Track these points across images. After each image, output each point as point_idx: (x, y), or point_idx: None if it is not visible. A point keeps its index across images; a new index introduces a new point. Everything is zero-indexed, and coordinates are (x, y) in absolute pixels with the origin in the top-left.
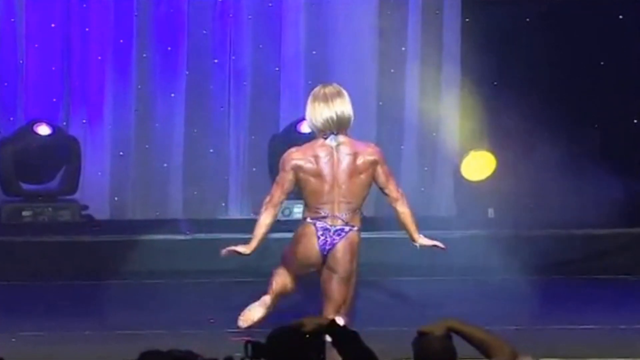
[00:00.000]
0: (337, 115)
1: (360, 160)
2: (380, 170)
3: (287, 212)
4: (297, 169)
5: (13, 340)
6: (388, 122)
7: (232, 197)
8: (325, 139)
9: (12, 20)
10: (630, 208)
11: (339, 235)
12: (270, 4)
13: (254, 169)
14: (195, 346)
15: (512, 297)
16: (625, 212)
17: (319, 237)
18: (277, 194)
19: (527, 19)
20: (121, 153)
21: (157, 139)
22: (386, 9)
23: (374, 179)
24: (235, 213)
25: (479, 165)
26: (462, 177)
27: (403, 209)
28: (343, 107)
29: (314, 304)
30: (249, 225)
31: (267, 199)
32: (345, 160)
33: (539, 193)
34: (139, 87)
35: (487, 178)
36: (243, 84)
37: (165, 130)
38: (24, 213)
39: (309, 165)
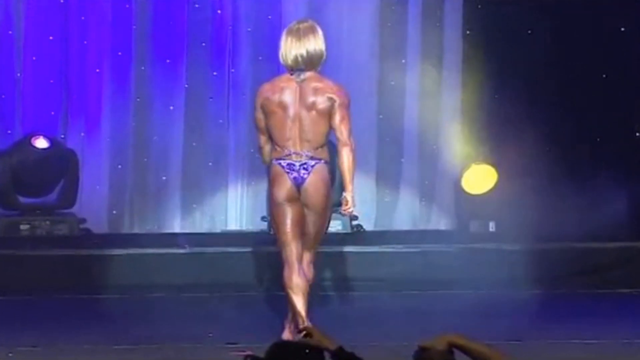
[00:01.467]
0: (307, 52)
1: (319, 97)
2: (337, 110)
3: None
4: (264, 103)
5: (10, 354)
6: (388, 135)
7: (230, 211)
8: (292, 74)
9: (10, 32)
10: (631, 222)
11: (305, 169)
12: (269, 17)
13: (253, 182)
14: None
15: (513, 311)
16: (626, 225)
17: (288, 173)
18: (261, 137)
19: (529, 32)
20: (119, 166)
21: (155, 152)
22: (386, 22)
23: (330, 117)
24: (233, 226)
25: (479, 178)
26: (462, 190)
27: (346, 157)
28: (315, 44)
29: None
30: (248, 238)
31: (259, 147)
32: (307, 96)
33: (541, 207)
34: (138, 99)
35: (488, 191)
36: (242, 96)
37: (163, 143)
38: (22, 227)
39: (275, 97)
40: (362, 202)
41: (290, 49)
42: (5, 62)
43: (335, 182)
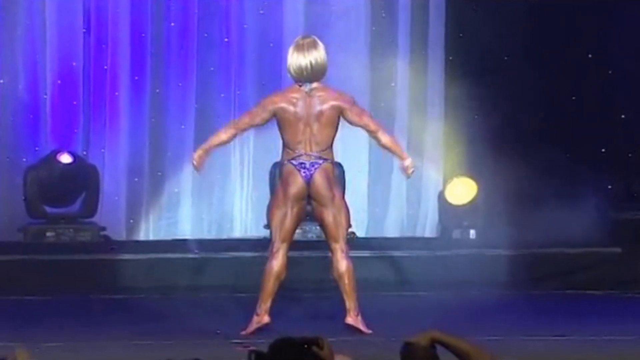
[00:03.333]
0: (311, 65)
1: (325, 105)
2: (349, 112)
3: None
4: (278, 111)
5: (37, 350)
6: (379, 150)
7: (236, 219)
8: (300, 86)
9: (37, 59)
10: (600, 229)
11: (313, 166)
12: (271, 44)
13: (256, 194)
14: (203, 355)
15: (492, 311)
16: (595, 233)
17: (299, 171)
18: (246, 120)
19: (506, 57)
20: (136, 179)
21: (168, 167)
22: (377, 49)
23: (349, 121)
24: (239, 233)
25: (461, 190)
26: (446, 201)
27: (385, 138)
28: (318, 57)
29: (315, 320)
30: (251, 244)
31: (233, 120)
32: (315, 106)
33: (517, 216)
34: (152, 119)
35: (469, 202)
36: None
37: (176, 158)
38: (48, 234)
39: (290, 108)
40: (355, 211)
41: (296, 61)
42: (33, 85)
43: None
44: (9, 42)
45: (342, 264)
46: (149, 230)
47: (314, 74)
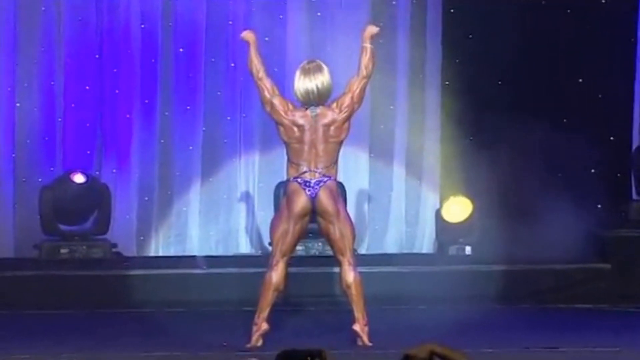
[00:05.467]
0: (317, 89)
1: (330, 128)
2: (354, 86)
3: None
4: (284, 127)
5: None
6: (378, 171)
7: (241, 237)
8: (307, 109)
9: (52, 83)
10: (593, 246)
11: (318, 184)
12: (275, 69)
13: (262, 212)
14: None
15: (486, 324)
16: (586, 249)
17: (304, 189)
18: (262, 79)
19: (499, 82)
20: (146, 198)
21: (177, 186)
22: (376, 74)
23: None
24: (245, 250)
25: (457, 209)
26: (442, 219)
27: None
28: (324, 81)
29: (317, 333)
30: (257, 260)
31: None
32: (320, 129)
33: (511, 233)
34: (162, 141)
35: (465, 220)
36: (252, 138)
37: (184, 178)
38: (62, 250)
39: (295, 130)
40: (356, 229)
41: (303, 85)
42: (48, 108)
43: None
44: (26, 67)
45: (350, 276)
46: (159, 246)
47: (320, 97)
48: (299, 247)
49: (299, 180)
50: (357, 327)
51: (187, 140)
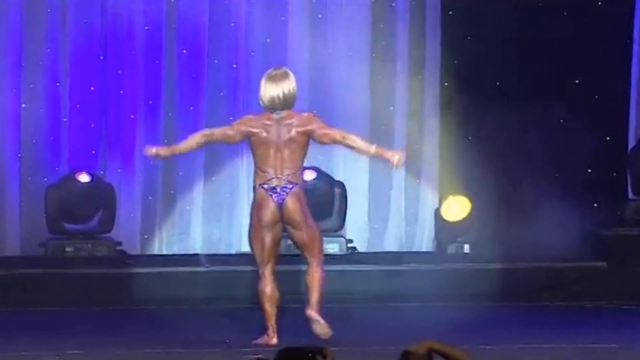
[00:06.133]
0: (283, 94)
1: (293, 132)
2: (317, 134)
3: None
4: (250, 135)
5: (57, 357)
6: (378, 170)
7: (244, 235)
8: (272, 113)
9: (58, 84)
10: (590, 245)
11: (284, 191)
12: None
13: None
14: None
15: (485, 321)
16: (583, 247)
17: (271, 195)
18: (217, 133)
19: (497, 83)
20: (150, 197)
21: (180, 186)
22: (376, 75)
23: (319, 142)
24: (247, 248)
25: (456, 207)
26: (441, 218)
27: (351, 137)
28: (290, 87)
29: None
30: None
31: (208, 130)
32: (285, 133)
33: (509, 231)
34: (166, 141)
35: (463, 219)
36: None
37: (187, 178)
38: (67, 249)
39: (262, 133)
40: (356, 228)
41: (269, 92)
42: (53, 109)
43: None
44: (31, 68)
45: (317, 272)
46: (162, 245)
47: (286, 103)
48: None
49: (265, 186)
50: (312, 312)
51: None
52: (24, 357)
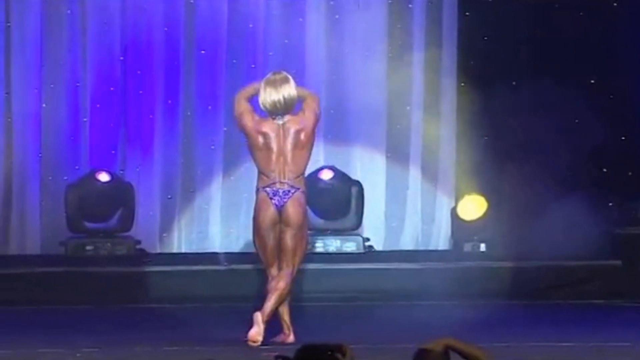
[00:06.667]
0: (284, 99)
1: (298, 135)
2: (306, 111)
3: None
4: (251, 136)
5: (78, 355)
6: (395, 170)
7: None
8: (274, 119)
9: (78, 84)
10: (604, 243)
11: (286, 195)
12: (293, 71)
13: None
14: None
15: (500, 319)
16: (598, 246)
17: (272, 199)
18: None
19: (514, 83)
20: (169, 196)
21: (199, 185)
22: (393, 76)
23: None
24: None
25: (472, 207)
26: (458, 216)
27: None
28: (290, 92)
29: (334, 328)
30: None
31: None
32: (288, 137)
33: (524, 230)
34: (184, 140)
35: (479, 218)
36: None
37: (206, 177)
38: (87, 247)
39: (261, 138)
40: (373, 226)
41: (270, 97)
42: (74, 109)
43: None
44: (52, 70)
45: (283, 280)
46: (181, 243)
47: (287, 107)
48: (317, 244)
49: (267, 189)
50: (258, 314)
51: (208, 139)
52: (43, 355)
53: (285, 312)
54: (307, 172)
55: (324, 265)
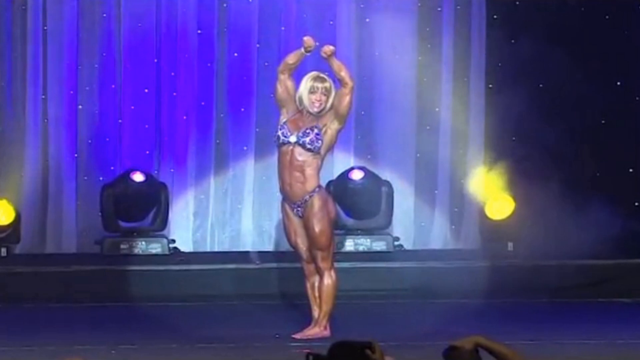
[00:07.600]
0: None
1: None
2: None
3: (339, 245)
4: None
5: (113, 352)
6: (424, 170)
7: None
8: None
9: (113, 86)
10: (626, 242)
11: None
12: (325, 72)
13: None
14: (262, 357)
15: (528, 317)
16: (622, 245)
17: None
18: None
19: (541, 85)
20: (202, 196)
21: (232, 184)
22: (423, 78)
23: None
24: None
25: (500, 206)
26: (486, 216)
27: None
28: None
29: (363, 325)
30: None
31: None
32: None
33: (551, 230)
34: (217, 141)
35: (507, 217)
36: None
37: (238, 176)
38: (122, 246)
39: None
40: (402, 225)
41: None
42: (108, 110)
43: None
44: (88, 72)
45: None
46: (214, 242)
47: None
48: (347, 243)
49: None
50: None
51: (241, 140)
52: (79, 351)
53: (317, 307)
54: (338, 172)
55: (354, 263)
